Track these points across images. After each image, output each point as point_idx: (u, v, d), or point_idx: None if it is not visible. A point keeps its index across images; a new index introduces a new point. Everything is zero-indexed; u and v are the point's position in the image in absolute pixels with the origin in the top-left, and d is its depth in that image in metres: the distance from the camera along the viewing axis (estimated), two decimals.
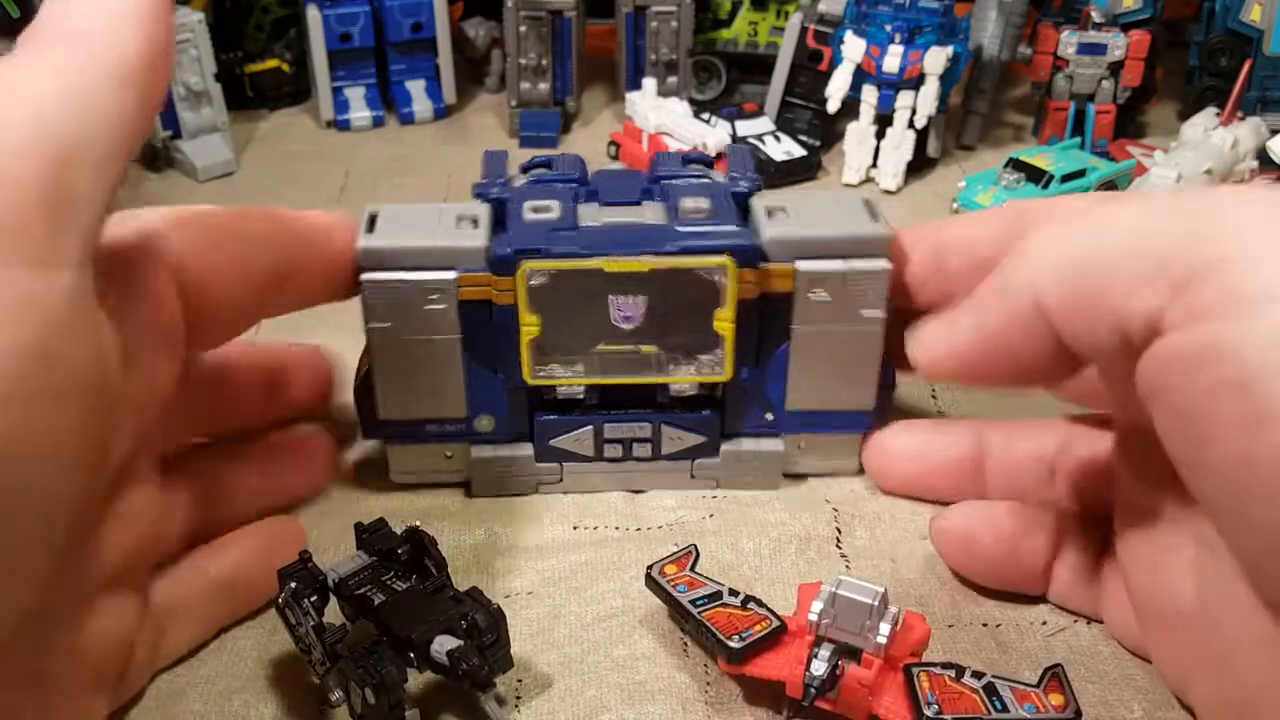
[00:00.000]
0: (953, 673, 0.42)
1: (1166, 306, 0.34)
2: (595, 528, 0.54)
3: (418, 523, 0.46)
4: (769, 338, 0.52)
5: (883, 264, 0.51)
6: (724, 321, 0.50)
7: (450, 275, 0.49)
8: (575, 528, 0.54)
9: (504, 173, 0.54)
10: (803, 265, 0.50)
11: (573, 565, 0.52)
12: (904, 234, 0.52)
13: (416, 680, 0.45)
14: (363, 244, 0.49)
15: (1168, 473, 0.36)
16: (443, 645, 0.42)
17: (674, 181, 0.53)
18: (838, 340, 0.52)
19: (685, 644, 0.48)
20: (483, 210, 0.52)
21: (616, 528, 0.54)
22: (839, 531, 0.55)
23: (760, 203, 0.52)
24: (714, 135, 0.92)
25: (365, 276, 0.49)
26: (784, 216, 0.51)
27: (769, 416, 0.55)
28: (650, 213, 0.52)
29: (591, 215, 0.51)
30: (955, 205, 0.89)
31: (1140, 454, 0.42)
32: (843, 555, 0.53)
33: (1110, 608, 0.47)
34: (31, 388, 0.31)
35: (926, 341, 0.44)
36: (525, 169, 0.55)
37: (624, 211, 0.52)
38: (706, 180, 0.54)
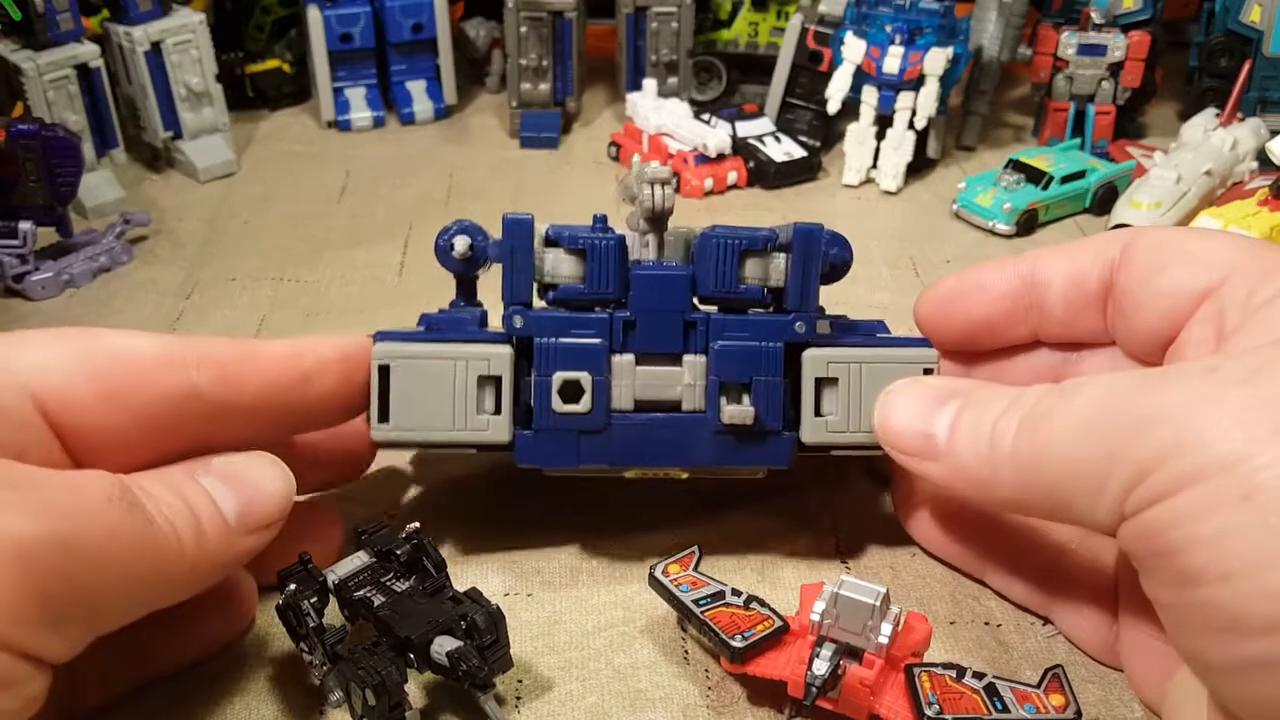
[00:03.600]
0: (954, 673, 0.42)
1: (1125, 501, 0.36)
2: (594, 525, 0.54)
3: (416, 524, 0.46)
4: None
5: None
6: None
7: (470, 450, 0.49)
8: (575, 528, 0.54)
9: (529, 263, 0.48)
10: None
11: (572, 569, 0.52)
12: (985, 266, 0.51)
13: (416, 680, 0.45)
14: (375, 436, 0.48)
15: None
16: (442, 646, 0.42)
17: (721, 325, 0.48)
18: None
19: (686, 653, 0.48)
20: (505, 364, 0.48)
21: (616, 528, 0.54)
22: (840, 533, 0.55)
23: (812, 369, 0.48)
24: (714, 136, 0.92)
25: (377, 439, 0.48)
26: (833, 400, 0.49)
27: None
28: (690, 374, 0.48)
29: (625, 375, 0.48)
30: (955, 206, 0.89)
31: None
32: (843, 559, 0.53)
33: (1067, 621, 0.48)
34: None
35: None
36: (552, 238, 0.48)
37: (661, 377, 0.48)
38: (759, 320, 0.48)
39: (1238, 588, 0.33)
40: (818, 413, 0.49)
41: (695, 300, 0.49)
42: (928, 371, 0.49)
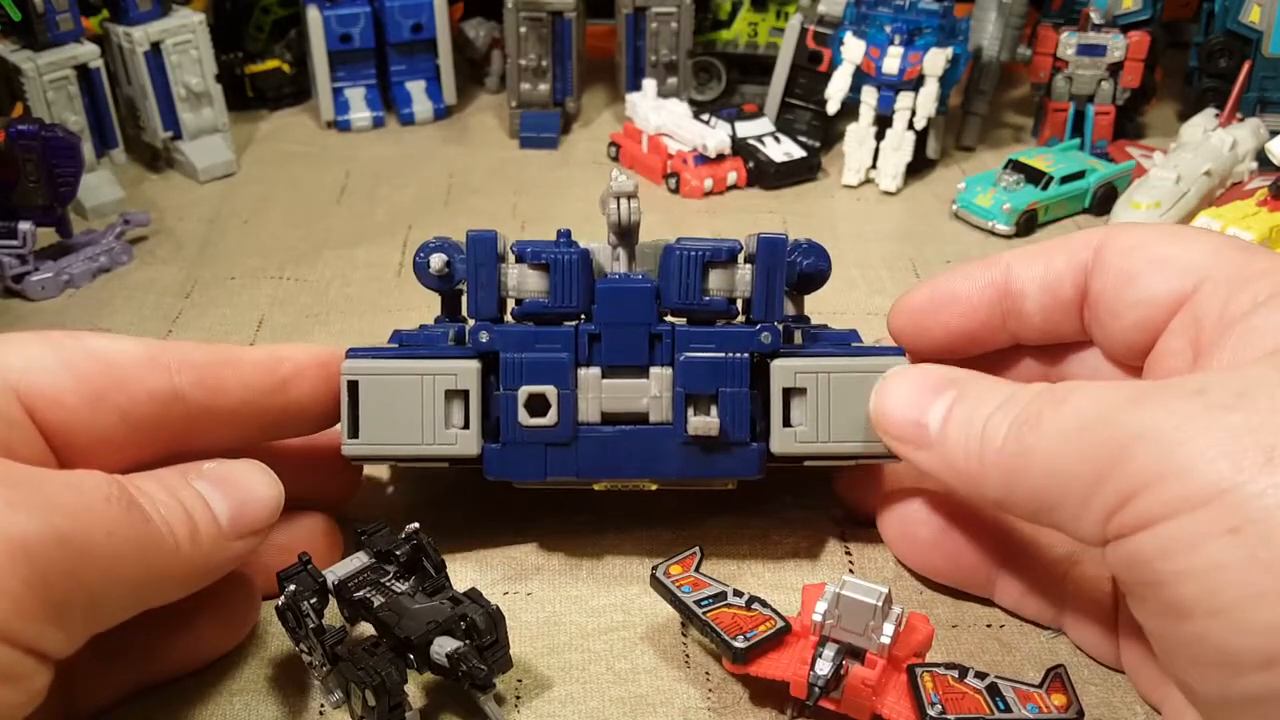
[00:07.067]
0: (956, 673, 0.42)
1: (1109, 520, 0.36)
2: (594, 525, 0.54)
3: (416, 524, 0.46)
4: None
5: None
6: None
7: (443, 465, 0.49)
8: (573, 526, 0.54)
9: (494, 279, 0.48)
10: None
11: (573, 569, 0.52)
12: (956, 275, 0.51)
13: (416, 680, 0.45)
14: (346, 451, 0.48)
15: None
16: (442, 646, 0.41)
17: (687, 337, 0.48)
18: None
19: (687, 656, 0.48)
20: (472, 378, 0.48)
21: (615, 528, 0.54)
22: (844, 533, 0.55)
23: (779, 379, 0.48)
24: (714, 136, 0.92)
25: (348, 454, 0.49)
26: (801, 410, 0.48)
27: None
28: (656, 386, 0.48)
29: (591, 388, 0.48)
30: (955, 207, 0.89)
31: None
32: (848, 554, 0.53)
33: (1076, 630, 0.47)
34: None
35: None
36: (520, 253, 0.48)
37: (628, 390, 0.48)
38: (724, 332, 0.48)
39: (1228, 623, 0.32)
40: (787, 423, 0.49)
41: (664, 312, 0.49)
42: None
